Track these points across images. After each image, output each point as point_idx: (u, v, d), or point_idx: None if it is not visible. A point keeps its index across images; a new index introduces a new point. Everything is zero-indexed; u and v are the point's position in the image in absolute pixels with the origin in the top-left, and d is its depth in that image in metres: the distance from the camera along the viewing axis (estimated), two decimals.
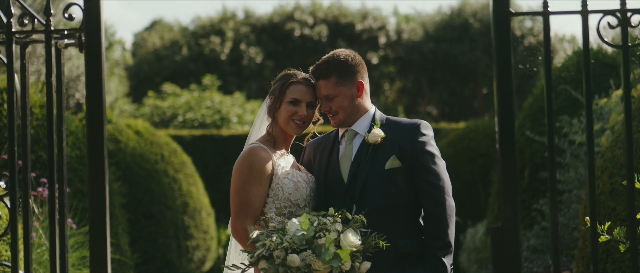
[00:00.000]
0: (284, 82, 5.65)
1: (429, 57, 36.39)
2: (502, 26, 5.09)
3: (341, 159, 5.62)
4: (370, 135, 5.52)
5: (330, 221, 5.07)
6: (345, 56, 5.62)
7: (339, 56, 5.62)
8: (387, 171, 5.45)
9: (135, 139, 14.41)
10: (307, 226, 5.01)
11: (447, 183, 5.48)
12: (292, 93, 5.64)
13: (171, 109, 28.58)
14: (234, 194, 5.49)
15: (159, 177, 14.33)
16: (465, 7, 37.20)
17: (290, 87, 5.66)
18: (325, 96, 5.61)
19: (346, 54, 5.63)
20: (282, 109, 5.64)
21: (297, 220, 5.10)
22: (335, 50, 5.72)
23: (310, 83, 5.66)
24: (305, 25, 36.72)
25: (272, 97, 5.67)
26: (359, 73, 5.62)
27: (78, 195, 10.48)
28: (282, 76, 5.70)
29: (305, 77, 5.67)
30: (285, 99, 5.63)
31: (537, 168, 11.15)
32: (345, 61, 5.59)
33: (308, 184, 5.60)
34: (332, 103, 5.60)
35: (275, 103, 5.65)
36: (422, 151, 5.46)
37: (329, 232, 5.03)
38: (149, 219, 13.79)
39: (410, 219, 5.51)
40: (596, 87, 11.12)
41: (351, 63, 5.60)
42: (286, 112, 5.63)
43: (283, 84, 5.64)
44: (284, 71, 5.75)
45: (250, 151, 5.56)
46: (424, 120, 5.59)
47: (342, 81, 5.57)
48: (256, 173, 5.46)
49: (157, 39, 37.83)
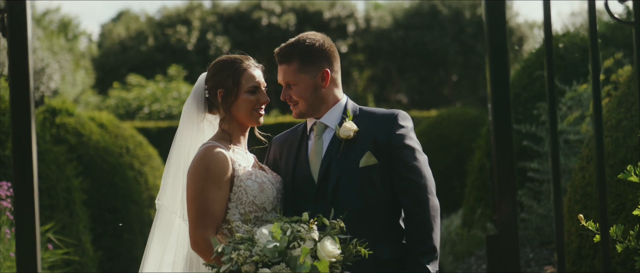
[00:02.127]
0: (233, 70, 5.06)
1: (398, 44, 36.25)
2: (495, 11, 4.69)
3: (310, 156, 5.05)
4: (342, 129, 4.96)
5: (305, 229, 4.50)
6: (311, 40, 5.03)
7: (304, 40, 5.04)
8: (362, 170, 4.88)
9: (99, 132, 14.00)
10: (280, 235, 4.45)
11: (430, 180, 4.90)
12: (250, 81, 5.07)
13: (137, 100, 28.36)
14: (190, 201, 4.91)
15: (123, 171, 13.97)
16: None
17: (244, 75, 5.07)
18: (286, 82, 5.05)
19: (313, 39, 5.05)
20: (240, 101, 5.04)
21: (267, 230, 4.54)
22: (304, 33, 5.14)
23: (258, 64, 5.16)
24: (272, 14, 36.43)
25: (221, 91, 5.04)
26: (327, 60, 5.03)
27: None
28: (226, 64, 5.11)
29: (252, 60, 5.17)
30: (242, 89, 5.05)
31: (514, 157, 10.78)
32: (311, 45, 5.01)
33: (274, 185, 5.03)
34: (292, 91, 5.03)
35: (229, 95, 5.03)
36: (401, 144, 4.88)
37: (304, 241, 4.46)
38: (114, 214, 13.41)
39: (389, 222, 4.94)
40: (574, 72, 10.81)
41: (317, 48, 5.02)
42: (247, 103, 5.06)
43: (234, 72, 5.05)
44: (219, 58, 5.18)
45: (205, 152, 4.94)
46: (401, 110, 5.00)
47: (304, 68, 5.00)
48: (214, 176, 4.88)
49: (123, 29, 37.60)
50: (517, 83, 11.33)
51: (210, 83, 5.09)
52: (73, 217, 10.83)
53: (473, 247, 11.14)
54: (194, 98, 5.16)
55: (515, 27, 37.08)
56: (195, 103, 5.14)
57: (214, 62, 5.18)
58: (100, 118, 15.22)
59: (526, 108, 10.89)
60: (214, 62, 5.18)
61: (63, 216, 10.46)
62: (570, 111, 9.95)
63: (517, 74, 11.52)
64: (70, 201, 10.84)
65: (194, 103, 5.15)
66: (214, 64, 5.16)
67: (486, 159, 11.15)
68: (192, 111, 5.16)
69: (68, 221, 10.54)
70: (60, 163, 10.84)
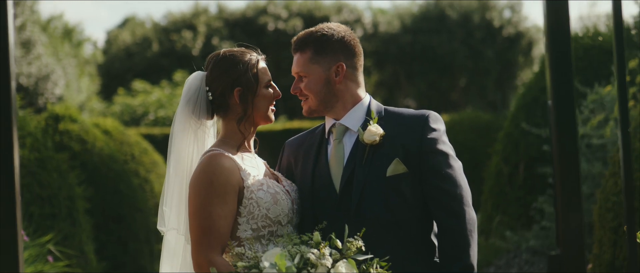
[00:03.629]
0: (249, 65, 4.58)
1: (406, 49, 35.92)
2: (558, 12, 4.25)
3: (331, 162, 4.57)
4: (366, 133, 4.46)
5: (315, 255, 3.97)
6: (329, 30, 4.60)
7: (322, 29, 4.62)
8: (390, 179, 4.40)
9: (103, 139, 13.77)
10: (285, 267, 3.88)
11: (466, 189, 4.42)
12: (266, 74, 4.62)
13: (142, 107, 28.11)
14: (193, 218, 4.36)
15: (128, 178, 13.73)
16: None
17: (260, 68, 4.62)
18: (297, 73, 4.63)
19: (332, 28, 4.61)
20: (259, 97, 4.55)
21: (271, 258, 4.00)
22: (326, 23, 4.70)
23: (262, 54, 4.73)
24: (279, 19, 36.12)
25: (239, 90, 4.52)
26: (344, 53, 4.57)
27: (37, 200, 9.87)
28: (236, 59, 4.61)
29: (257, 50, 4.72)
30: (261, 84, 4.58)
31: (533, 163, 10.41)
32: (328, 35, 4.58)
33: (289, 195, 4.53)
34: (302, 83, 4.60)
35: (247, 93, 4.53)
36: (433, 150, 4.40)
37: (316, 268, 3.94)
38: (118, 223, 13.11)
39: (420, 237, 4.46)
40: (595, 74, 10.42)
41: (335, 39, 4.57)
42: (266, 99, 4.58)
43: (250, 67, 4.58)
44: (221, 54, 4.67)
45: (209, 161, 4.41)
46: (432, 111, 4.53)
47: (317, 58, 4.56)
48: (220, 189, 4.34)
49: (129, 35, 37.47)
50: (535, 86, 10.97)
51: (217, 83, 4.57)
52: (76, 226, 10.52)
53: (491, 256, 10.72)
54: (189, 103, 4.63)
55: (524, 31, 36.71)
56: (191, 108, 4.63)
57: (214, 60, 4.66)
58: (104, 125, 15.02)
59: (545, 111, 10.51)
60: (216, 60, 4.66)
61: (65, 226, 10.17)
62: (593, 114, 9.56)
63: (535, 77, 11.14)
64: (72, 210, 10.53)
65: (190, 108, 4.63)
66: (217, 62, 4.64)
67: (503, 165, 10.77)
68: (187, 118, 4.63)
69: (70, 231, 10.26)
70: (62, 170, 10.58)
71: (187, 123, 4.62)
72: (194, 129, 4.62)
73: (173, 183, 4.56)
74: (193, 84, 4.65)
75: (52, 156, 10.58)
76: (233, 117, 4.57)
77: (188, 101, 4.62)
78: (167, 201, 4.56)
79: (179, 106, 4.65)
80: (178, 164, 4.58)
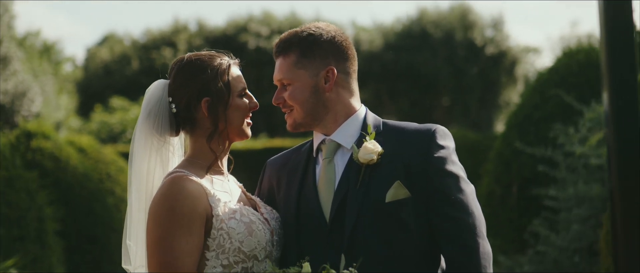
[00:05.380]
0: (218, 71, 3.88)
1: (389, 67, 35.62)
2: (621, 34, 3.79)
3: (319, 186, 3.84)
4: (361, 151, 3.76)
5: None
6: (317, 30, 3.92)
7: (309, 28, 3.94)
8: (390, 205, 3.69)
9: (78, 157, 13.51)
10: None
11: (480, 218, 3.74)
12: (239, 81, 3.93)
13: (120, 124, 27.81)
14: (151, 253, 3.66)
15: (103, 197, 13.43)
16: (424, 15, 36.49)
17: (232, 75, 3.93)
18: (280, 80, 3.91)
19: (320, 27, 3.93)
20: (233, 108, 3.87)
21: None
22: (314, 22, 4.00)
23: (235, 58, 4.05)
24: (260, 36, 35.84)
25: (207, 100, 3.84)
26: (335, 56, 3.88)
27: (5, 222, 9.54)
28: (203, 65, 3.88)
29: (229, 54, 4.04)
30: (234, 93, 3.89)
31: (527, 184, 9.97)
32: (315, 35, 3.89)
33: (268, 224, 3.84)
34: (286, 92, 3.88)
35: (217, 104, 3.85)
36: (441, 171, 3.74)
37: None
38: (93, 244, 12.81)
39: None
40: (591, 91, 10.00)
41: (324, 39, 3.89)
42: (241, 110, 3.89)
43: (220, 73, 3.87)
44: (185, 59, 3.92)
45: (171, 184, 3.70)
46: (439, 125, 3.86)
47: (303, 62, 3.85)
48: (183, 218, 3.63)
49: (108, 53, 37.27)
50: (527, 103, 10.54)
51: (182, 93, 3.87)
52: (45, 249, 10.17)
53: None
54: (149, 117, 3.90)
55: (506, 50, 36.53)
56: (152, 122, 3.90)
57: (178, 66, 3.95)
58: (79, 142, 14.70)
59: (539, 129, 10.10)
60: (180, 65, 3.94)
61: (34, 248, 9.84)
62: (590, 133, 9.14)
63: (528, 94, 10.72)
64: (42, 232, 10.17)
65: (151, 123, 3.90)
66: (181, 67, 3.93)
67: (495, 186, 10.33)
68: (148, 135, 3.91)
69: (39, 253, 9.89)
70: (31, 190, 10.25)
71: (148, 140, 3.91)
72: (157, 148, 3.92)
73: (137, 211, 3.88)
74: (154, 94, 3.95)
75: (20, 174, 10.24)
76: (201, 133, 3.90)
77: (148, 115, 3.90)
78: (130, 234, 3.90)
79: (138, 120, 3.94)
80: (140, 191, 3.89)
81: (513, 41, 38.35)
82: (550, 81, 10.41)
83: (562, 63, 10.54)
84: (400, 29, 37.03)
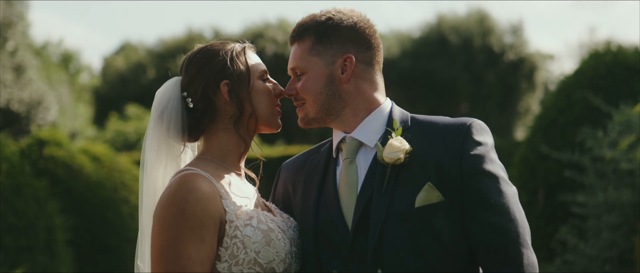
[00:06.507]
0: (233, 53, 3.43)
1: (407, 74, 35.45)
2: None
3: (340, 190, 3.38)
4: (387, 149, 3.30)
5: None
6: (337, 13, 3.45)
7: (329, 12, 3.46)
8: (420, 211, 3.23)
9: (91, 165, 13.39)
10: None
11: (523, 225, 3.26)
12: (260, 65, 3.50)
13: (135, 133, 27.91)
14: (156, 262, 3.17)
15: (117, 206, 13.26)
16: (442, 22, 36.30)
17: (248, 55, 3.46)
18: (293, 68, 3.49)
19: (341, 12, 3.46)
20: (256, 90, 3.42)
21: None
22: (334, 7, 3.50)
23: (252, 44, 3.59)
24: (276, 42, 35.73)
25: (226, 83, 3.38)
26: (355, 44, 3.43)
27: (13, 231, 9.40)
28: (215, 50, 3.44)
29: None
30: (254, 73, 3.44)
31: (553, 190, 9.66)
32: (334, 19, 3.44)
33: (286, 233, 3.37)
34: (298, 82, 3.47)
35: (238, 86, 3.39)
36: (479, 171, 3.27)
37: None
38: (106, 254, 12.66)
39: None
40: (618, 93, 9.70)
41: (344, 25, 3.43)
42: (265, 94, 3.45)
43: (236, 54, 3.43)
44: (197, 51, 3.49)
45: (180, 183, 3.19)
46: (476, 119, 3.39)
47: (318, 49, 3.42)
48: (194, 221, 3.14)
49: (123, 62, 37.39)
50: (552, 107, 10.26)
51: (197, 82, 3.43)
52: (54, 259, 10.01)
53: None
54: (162, 119, 3.43)
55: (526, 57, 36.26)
56: (167, 125, 3.43)
57: (189, 58, 3.50)
58: (93, 150, 14.59)
59: (565, 134, 9.80)
60: (191, 57, 3.50)
61: (43, 259, 9.69)
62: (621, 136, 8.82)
63: (553, 97, 10.43)
64: (51, 242, 10.03)
65: (164, 126, 3.43)
66: (192, 58, 3.49)
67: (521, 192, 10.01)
68: (161, 140, 3.44)
69: (48, 264, 9.71)
70: (40, 198, 10.09)
71: (162, 146, 3.44)
72: (172, 154, 3.46)
73: (149, 229, 3.38)
74: (165, 93, 3.49)
75: (29, 182, 10.11)
76: (222, 124, 3.43)
77: (160, 116, 3.44)
78: (143, 254, 3.45)
79: (149, 126, 3.47)
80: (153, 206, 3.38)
81: (532, 46, 38.16)
82: (576, 84, 10.17)
83: (589, 65, 10.29)
84: (417, 36, 36.88)
